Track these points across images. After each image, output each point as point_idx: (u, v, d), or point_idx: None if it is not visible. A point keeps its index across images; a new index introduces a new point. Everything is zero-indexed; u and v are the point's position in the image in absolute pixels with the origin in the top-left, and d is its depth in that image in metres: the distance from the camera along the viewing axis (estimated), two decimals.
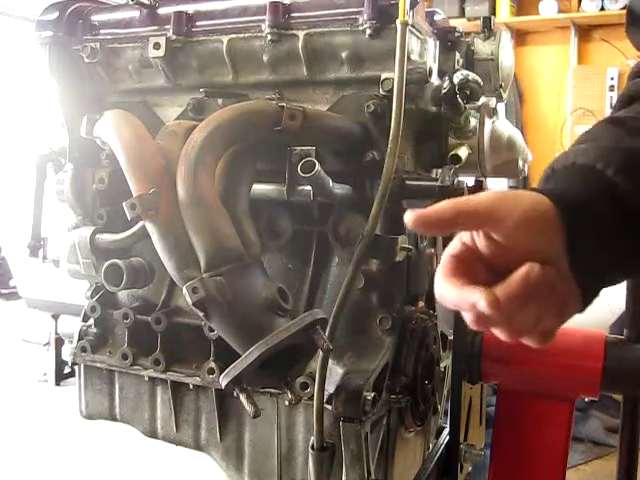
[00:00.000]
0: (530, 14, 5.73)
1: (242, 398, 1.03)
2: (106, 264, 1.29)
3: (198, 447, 1.40)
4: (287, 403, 1.15)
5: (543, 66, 5.92)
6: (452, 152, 1.34)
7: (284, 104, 1.13)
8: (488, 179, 1.52)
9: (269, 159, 1.24)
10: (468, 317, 0.66)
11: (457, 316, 1.30)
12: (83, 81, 1.47)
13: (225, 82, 1.35)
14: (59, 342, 3.51)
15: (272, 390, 1.23)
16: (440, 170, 1.25)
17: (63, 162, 1.51)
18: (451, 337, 1.34)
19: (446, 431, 1.55)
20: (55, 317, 3.38)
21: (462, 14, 5.72)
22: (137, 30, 1.40)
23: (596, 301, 0.73)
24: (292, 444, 1.29)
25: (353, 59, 1.25)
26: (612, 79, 5.52)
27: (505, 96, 1.48)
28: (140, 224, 1.20)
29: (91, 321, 1.44)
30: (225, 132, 1.10)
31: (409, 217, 0.65)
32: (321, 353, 1.09)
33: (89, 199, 1.45)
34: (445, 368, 1.50)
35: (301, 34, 1.25)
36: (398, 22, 1.14)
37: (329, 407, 1.15)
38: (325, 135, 1.22)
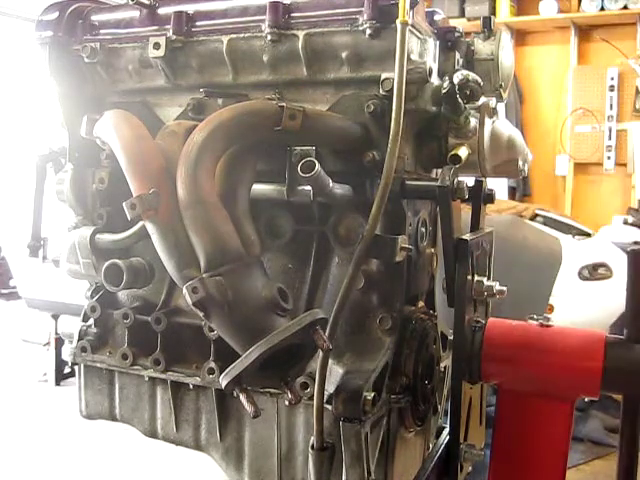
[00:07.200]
0: (530, 14, 5.74)
1: (242, 398, 1.03)
2: (106, 264, 1.29)
3: (198, 447, 1.40)
4: (287, 403, 1.14)
5: (543, 66, 5.92)
6: (452, 152, 1.34)
7: (284, 104, 1.13)
8: (488, 179, 1.52)
9: (269, 159, 1.24)
10: None
11: (457, 316, 1.30)
12: (83, 81, 1.47)
13: (225, 82, 1.35)
14: (59, 342, 3.51)
15: (272, 390, 1.23)
16: (440, 170, 1.26)
17: (63, 162, 1.51)
18: (451, 337, 1.34)
19: (446, 431, 1.55)
20: (55, 317, 3.38)
21: (462, 14, 5.73)
22: (137, 30, 1.40)
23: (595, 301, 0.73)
24: (292, 444, 1.29)
25: (353, 59, 1.25)
26: (612, 79, 5.52)
27: (505, 96, 1.48)
28: (140, 224, 1.20)
29: (91, 321, 1.44)
30: (225, 132, 1.10)
31: None
32: (321, 353, 1.09)
33: (89, 199, 1.45)
34: (445, 368, 1.50)
35: (301, 34, 1.25)
36: (398, 22, 1.14)
37: (329, 407, 1.15)
38: (325, 135, 1.22)
